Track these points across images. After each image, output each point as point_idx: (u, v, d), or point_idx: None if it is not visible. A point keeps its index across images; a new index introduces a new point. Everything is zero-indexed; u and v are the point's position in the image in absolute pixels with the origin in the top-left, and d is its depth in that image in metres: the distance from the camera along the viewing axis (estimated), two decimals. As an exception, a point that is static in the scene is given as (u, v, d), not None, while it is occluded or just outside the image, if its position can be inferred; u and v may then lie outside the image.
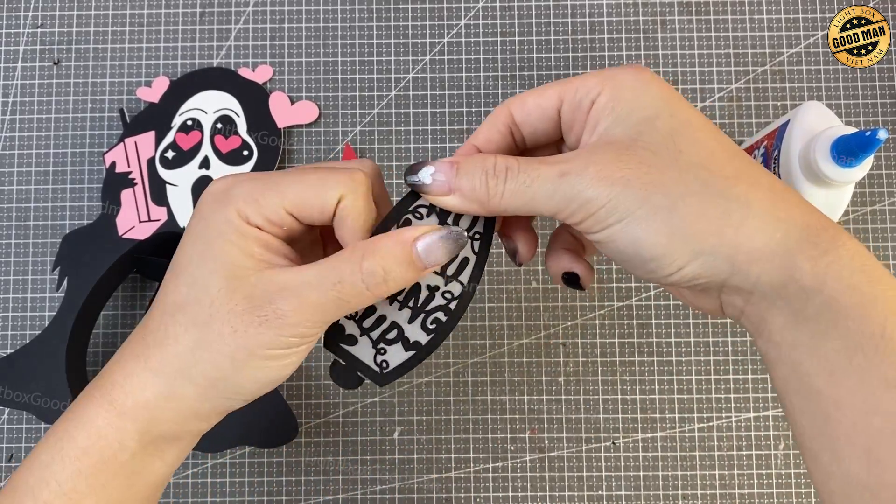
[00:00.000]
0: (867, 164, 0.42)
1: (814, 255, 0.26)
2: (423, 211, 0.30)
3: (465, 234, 0.28)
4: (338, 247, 0.30)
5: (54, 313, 0.53)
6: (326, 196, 0.29)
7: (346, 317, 0.31)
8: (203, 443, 0.50)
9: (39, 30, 0.57)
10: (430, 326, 0.30)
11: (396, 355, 0.30)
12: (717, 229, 0.26)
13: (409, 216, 0.30)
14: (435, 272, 0.30)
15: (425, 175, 0.28)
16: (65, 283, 0.53)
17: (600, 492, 0.52)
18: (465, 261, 0.29)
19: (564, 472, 0.53)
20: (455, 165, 0.28)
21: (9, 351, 0.54)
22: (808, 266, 0.26)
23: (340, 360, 0.31)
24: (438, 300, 0.29)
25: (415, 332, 0.30)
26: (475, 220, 0.30)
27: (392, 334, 0.30)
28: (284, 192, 0.29)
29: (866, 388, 0.25)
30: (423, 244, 0.28)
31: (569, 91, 0.30)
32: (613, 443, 0.53)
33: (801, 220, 0.27)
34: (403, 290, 0.30)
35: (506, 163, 0.28)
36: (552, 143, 0.33)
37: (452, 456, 0.53)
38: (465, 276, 0.29)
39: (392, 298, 0.30)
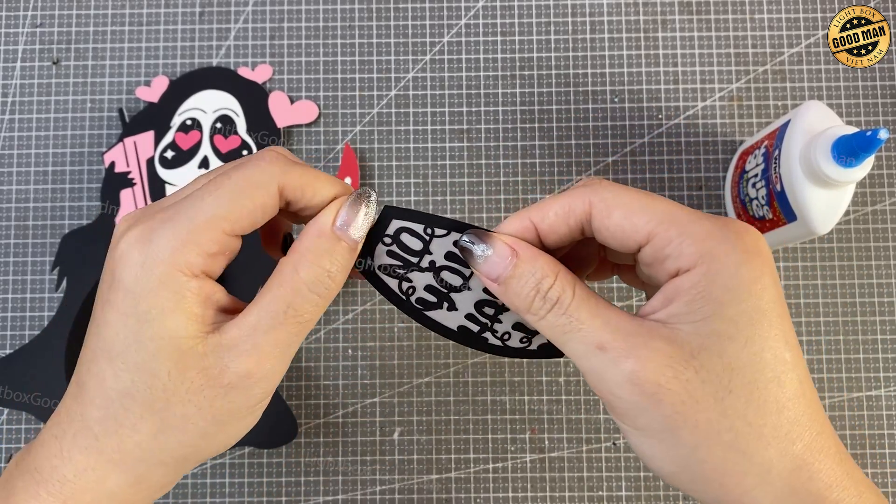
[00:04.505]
0: (868, 163, 0.42)
1: None
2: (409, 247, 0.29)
3: (370, 190, 0.28)
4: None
5: (54, 313, 0.53)
6: (264, 189, 0.26)
7: (504, 344, 0.31)
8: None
9: (38, 29, 0.57)
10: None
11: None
12: (729, 485, 0.25)
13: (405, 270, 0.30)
14: (449, 288, 0.30)
15: (480, 249, 0.27)
16: (64, 283, 0.53)
17: (600, 492, 0.52)
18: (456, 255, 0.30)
19: (565, 472, 0.53)
20: (515, 257, 0.27)
21: (8, 351, 0.54)
22: None
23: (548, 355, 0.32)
24: (476, 285, 0.29)
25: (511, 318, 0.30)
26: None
27: (519, 326, 0.30)
28: (216, 212, 0.25)
29: None
30: (341, 221, 0.27)
31: (661, 238, 0.26)
32: (614, 443, 0.53)
33: (811, 499, 0.25)
34: (496, 309, 0.30)
35: (560, 291, 0.26)
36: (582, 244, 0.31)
37: (452, 456, 0.53)
38: (462, 267, 0.29)
39: (484, 320, 0.30)
